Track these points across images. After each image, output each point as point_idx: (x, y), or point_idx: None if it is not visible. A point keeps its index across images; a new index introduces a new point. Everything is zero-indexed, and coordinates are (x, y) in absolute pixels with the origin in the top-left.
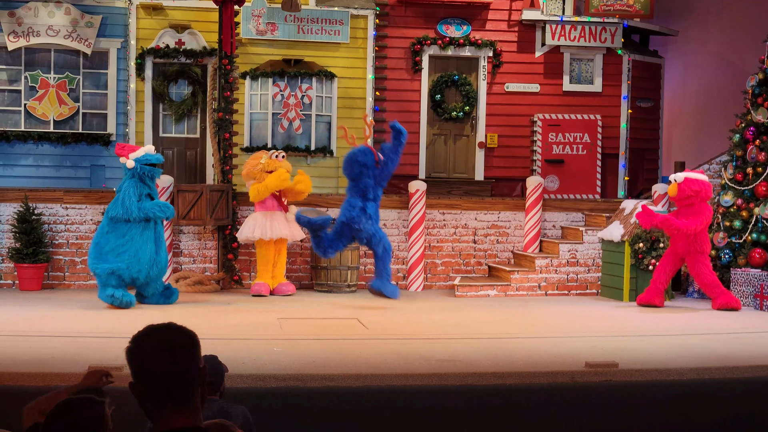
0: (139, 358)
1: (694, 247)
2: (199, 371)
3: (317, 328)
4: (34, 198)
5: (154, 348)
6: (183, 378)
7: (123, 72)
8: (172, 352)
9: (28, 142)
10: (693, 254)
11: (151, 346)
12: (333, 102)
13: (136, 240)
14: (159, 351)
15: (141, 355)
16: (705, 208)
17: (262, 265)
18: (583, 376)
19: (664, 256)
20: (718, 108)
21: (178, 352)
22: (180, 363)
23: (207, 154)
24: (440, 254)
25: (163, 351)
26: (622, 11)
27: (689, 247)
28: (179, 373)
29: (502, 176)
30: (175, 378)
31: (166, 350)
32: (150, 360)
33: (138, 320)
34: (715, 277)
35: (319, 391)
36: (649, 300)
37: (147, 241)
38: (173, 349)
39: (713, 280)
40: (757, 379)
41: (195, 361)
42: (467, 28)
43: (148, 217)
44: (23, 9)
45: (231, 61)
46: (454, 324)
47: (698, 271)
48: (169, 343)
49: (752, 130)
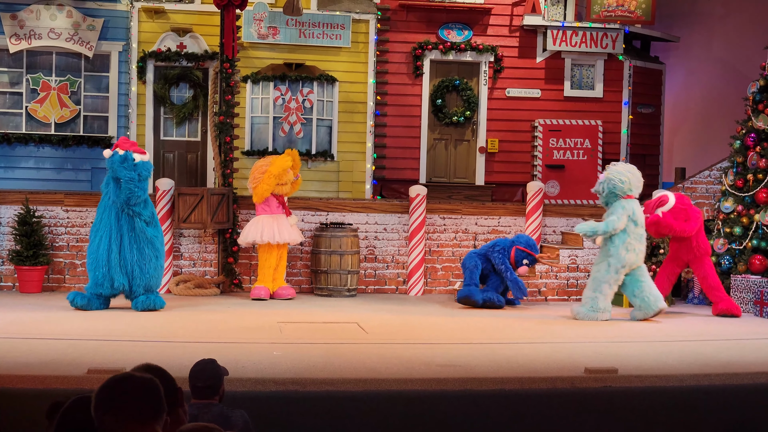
0: (106, 409)
1: (698, 251)
2: (163, 409)
3: (317, 332)
4: (34, 200)
5: (120, 403)
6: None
7: (124, 75)
8: (137, 406)
9: (29, 144)
10: (698, 257)
11: (116, 399)
12: (334, 106)
13: (104, 241)
14: (124, 404)
15: (107, 407)
16: (694, 213)
17: (265, 268)
18: (582, 381)
19: (665, 263)
20: (720, 114)
21: (143, 405)
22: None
23: (208, 157)
24: (440, 259)
25: (129, 404)
26: (623, 17)
27: (693, 251)
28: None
29: (502, 181)
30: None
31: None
32: (116, 413)
33: (138, 324)
34: (719, 281)
35: (318, 396)
36: None
37: (113, 242)
38: (137, 402)
39: (717, 283)
40: (758, 386)
41: (159, 407)
42: (468, 33)
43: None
44: (25, 12)
45: (232, 65)
46: (454, 329)
47: (704, 274)
48: (132, 397)
49: (753, 137)
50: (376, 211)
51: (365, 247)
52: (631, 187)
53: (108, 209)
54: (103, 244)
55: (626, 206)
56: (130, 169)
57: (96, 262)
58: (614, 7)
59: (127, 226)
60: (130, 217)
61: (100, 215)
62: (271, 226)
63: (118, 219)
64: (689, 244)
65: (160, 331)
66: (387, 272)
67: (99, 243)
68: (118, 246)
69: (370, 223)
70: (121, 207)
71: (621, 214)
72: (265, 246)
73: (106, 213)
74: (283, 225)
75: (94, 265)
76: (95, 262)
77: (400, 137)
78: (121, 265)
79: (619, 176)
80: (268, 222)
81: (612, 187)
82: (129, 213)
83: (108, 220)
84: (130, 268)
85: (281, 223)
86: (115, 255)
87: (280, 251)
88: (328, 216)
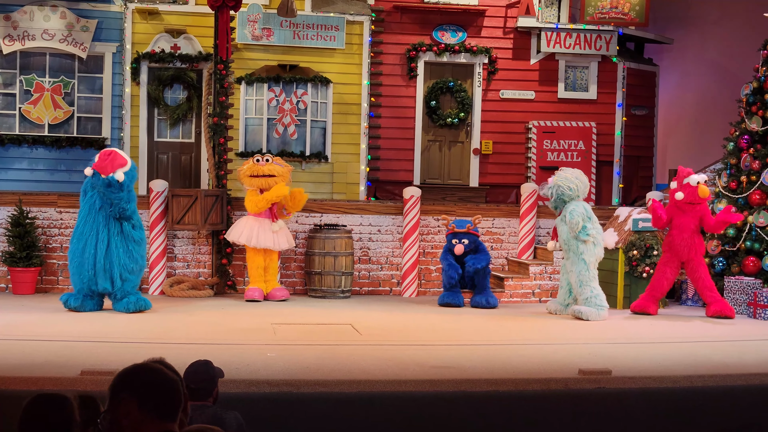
0: (130, 392)
1: (695, 251)
2: (180, 410)
3: (311, 334)
4: (28, 202)
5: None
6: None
7: (118, 76)
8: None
9: (22, 145)
10: (694, 258)
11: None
12: (328, 107)
13: (90, 242)
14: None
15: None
16: (707, 212)
17: (253, 269)
18: (576, 383)
19: (661, 265)
20: (714, 116)
21: (161, 397)
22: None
23: (202, 158)
24: (434, 260)
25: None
26: (617, 19)
27: (690, 253)
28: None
29: (496, 183)
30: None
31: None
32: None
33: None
34: (713, 282)
35: (312, 397)
36: (642, 307)
37: (100, 244)
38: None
39: (711, 284)
40: (751, 388)
41: (178, 407)
42: (462, 35)
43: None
44: (19, 13)
45: (226, 66)
46: (448, 330)
47: (699, 275)
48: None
49: (746, 139)
50: (370, 213)
51: (359, 249)
52: (579, 194)
53: (95, 212)
54: (89, 245)
55: (584, 206)
56: (117, 190)
57: (81, 263)
58: (608, 9)
59: (115, 230)
60: (116, 220)
61: (84, 217)
62: (252, 228)
63: (107, 222)
64: (684, 244)
65: (153, 332)
66: (381, 274)
67: (85, 244)
68: (105, 247)
69: (364, 224)
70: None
71: (582, 214)
72: (249, 247)
73: (91, 215)
74: (265, 230)
75: (79, 267)
76: (80, 263)
77: (394, 139)
78: (106, 268)
79: (567, 183)
80: (250, 225)
81: (560, 193)
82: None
83: (94, 222)
84: (118, 270)
85: (263, 227)
86: (101, 257)
87: (267, 253)
88: (322, 217)
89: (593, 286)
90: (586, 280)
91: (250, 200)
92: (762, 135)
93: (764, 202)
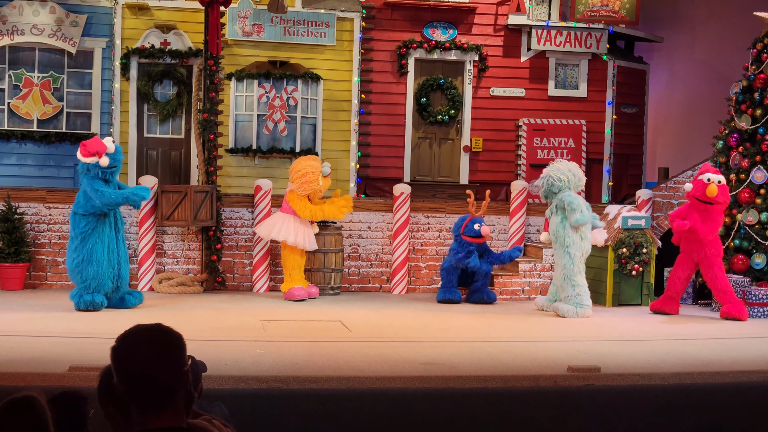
0: (125, 358)
1: (710, 251)
2: (184, 374)
3: (300, 330)
4: (16, 197)
5: (140, 350)
6: (167, 380)
7: (108, 72)
8: (159, 355)
9: (11, 141)
10: (709, 258)
11: (137, 347)
12: (318, 104)
13: (99, 243)
14: (145, 353)
15: (126, 356)
16: (720, 215)
17: (295, 269)
18: (565, 380)
19: (676, 265)
20: (704, 115)
21: (165, 355)
22: (166, 366)
23: (192, 155)
24: (424, 257)
25: (150, 353)
26: (607, 17)
27: (705, 252)
28: (164, 375)
29: (486, 180)
30: (160, 380)
31: (152, 353)
32: (136, 361)
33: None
34: (729, 284)
35: (301, 393)
36: (660, 307)
37: (111, 242)
38: (160, 351)
39: (725, 286)
40: (740, 385)
41: (181, 364)
42: (453, 32)
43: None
44: (8, 7)
45: (216, 62)
46: (438, 327)
47: (712, 276)
48: (155, 345)
49: (736, 137)
50: (360, 210)
51: (349, 246)
52: (569, 185)
53: (99, 214)
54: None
55: (576, 196)
56: (143, 190)
57: (99, 263)
58: (598, 7)
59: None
60: (116, 217)
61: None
62: (292, 227)
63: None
64: (701, 245)
65: None
66: (371, 270)
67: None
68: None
69: (354, 221)
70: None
71: (581, 204)
72: (294, 247)
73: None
74: (308, 231)
75: (96, 268)
76: (98, 264)
77: (384, 136)
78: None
79: (558, 173)
80: (289, 223)
81: (550, 184)
82: (115, 212)
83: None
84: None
85: (306, 228)
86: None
87: (302, 252)
88: None
89: (577, 282)
90: (570, 274)
91: (304, 207)
92: (751, 133)
93: (753, 201)
